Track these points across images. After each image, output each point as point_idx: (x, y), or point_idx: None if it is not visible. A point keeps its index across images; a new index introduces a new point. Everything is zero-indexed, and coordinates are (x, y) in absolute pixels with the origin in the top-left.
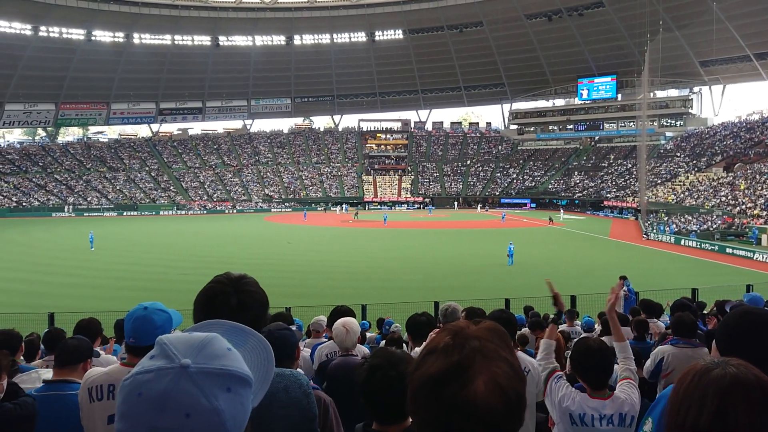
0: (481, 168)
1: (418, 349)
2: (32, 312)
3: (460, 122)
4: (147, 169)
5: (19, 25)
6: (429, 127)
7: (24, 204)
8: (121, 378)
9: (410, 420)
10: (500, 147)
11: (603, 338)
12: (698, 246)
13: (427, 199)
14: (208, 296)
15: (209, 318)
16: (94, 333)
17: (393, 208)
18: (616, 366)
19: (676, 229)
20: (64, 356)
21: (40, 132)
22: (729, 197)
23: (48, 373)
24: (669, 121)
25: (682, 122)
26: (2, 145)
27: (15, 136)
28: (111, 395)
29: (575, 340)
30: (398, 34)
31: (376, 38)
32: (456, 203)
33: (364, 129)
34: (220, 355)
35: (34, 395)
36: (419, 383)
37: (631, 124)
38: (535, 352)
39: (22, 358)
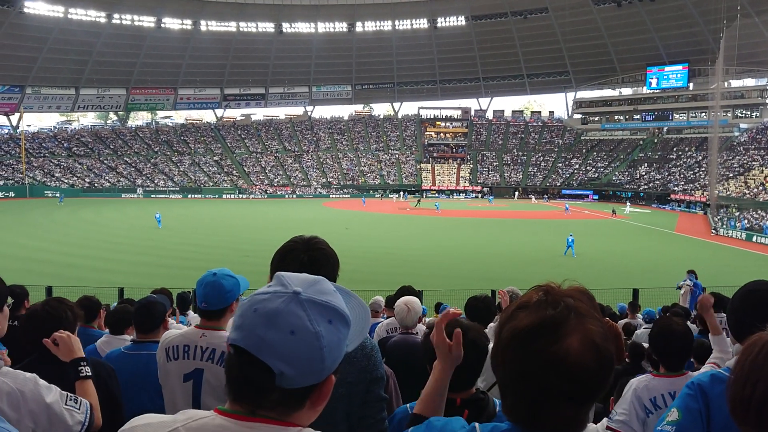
0: (542, 158)
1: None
2: (104, 286)
3: (522, 111)
4: (211, 153)
5: (94, 12)
6: (489, 115)
7: (96, 185)
8: (194, 339)
9: (475, 389)
10: (563, 137)
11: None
12: None
13: (485, 189)
14: (282, 253)
15: None
16: (169, 302)
17: (451, 196)
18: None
19: (748, 225)
20: (146, 325)
21: (112, 116)
22: None
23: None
24: (744, 112)
25: (758, 113)
26: (77, 128)
27: (89, 119)
28: (186, 355)
29: (640, 330)
30: (461, 21)
31: (438, 25)
32: (516, 193)
33: (424, 117)
34: (327, 292)
35: (123, 352)
36: (509, 336)
37: (703, 114)
38: None
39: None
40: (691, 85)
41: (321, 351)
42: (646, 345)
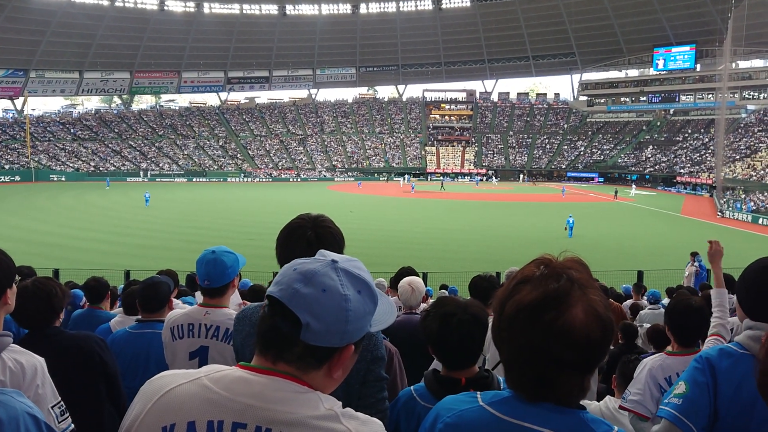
0: (547, 140)
1: None
2: (110, 269)
3: (527, 93)
4: (215, 136)
5: None
6: (495, 97)
7: (101, 168)
8: (198, 317)
9: (477, 367)
10: (568, 119)
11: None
12: None
13: (490, 171)
14: (288, 230)
15: (291, 250)
16: (173, 282)
17: (455, 179)
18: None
19: (754, 207)
20: (151, 304)
21: (116, 100)
22: None
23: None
24: (752, 93)
25: (765, 95)
26: (81, 112)
27: (93, 103)
28: (191, 333)
29: (644, 311)
30: (465, 2)
31: (443, 6)
32: (521, 175)
33: (429, 99)
34: (361, 269)
35: (127, 331)
36: (515, 310)
37: (710, 96)
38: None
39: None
40: (698, 66)
41: (346, 313)
42: (648, 326)
